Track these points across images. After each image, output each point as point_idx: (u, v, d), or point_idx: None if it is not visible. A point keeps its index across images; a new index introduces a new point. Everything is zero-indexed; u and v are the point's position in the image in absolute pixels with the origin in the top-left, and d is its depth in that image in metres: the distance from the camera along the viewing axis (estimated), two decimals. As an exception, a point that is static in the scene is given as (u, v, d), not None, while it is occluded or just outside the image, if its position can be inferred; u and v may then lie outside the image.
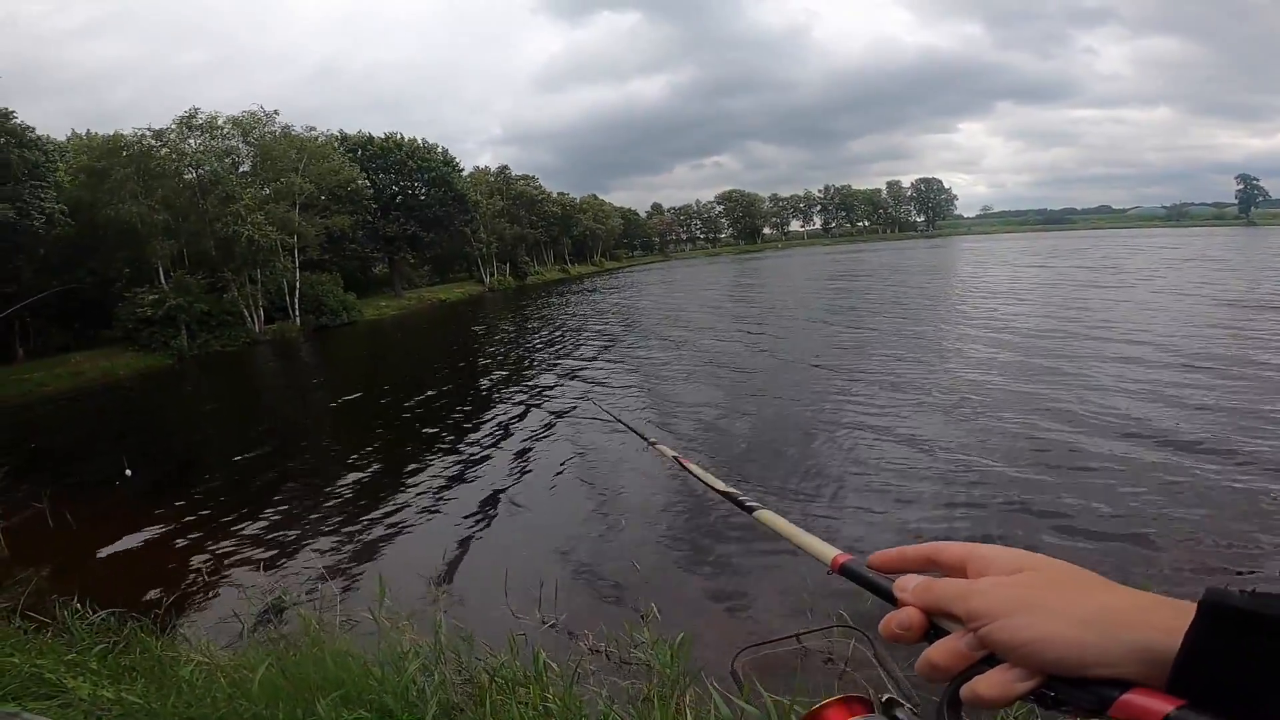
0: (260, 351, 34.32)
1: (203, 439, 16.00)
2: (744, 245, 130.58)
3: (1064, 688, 0.47)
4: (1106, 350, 14.45)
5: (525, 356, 22.43)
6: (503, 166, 75.44)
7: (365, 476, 11.04)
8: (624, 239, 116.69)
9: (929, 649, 0.51)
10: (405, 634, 3.85)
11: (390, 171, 52.64)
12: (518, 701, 3.08)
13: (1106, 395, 10.96)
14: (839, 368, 15.07)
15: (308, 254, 40.84)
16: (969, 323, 20.36)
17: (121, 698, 2.93)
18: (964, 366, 14.08)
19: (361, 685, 3.04)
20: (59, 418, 21.45)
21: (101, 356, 30.73)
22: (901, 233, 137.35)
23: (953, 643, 0.50)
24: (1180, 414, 9.75)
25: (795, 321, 24.90)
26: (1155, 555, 6.11)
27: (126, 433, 16.89)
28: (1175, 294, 23.72)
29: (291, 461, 12.66)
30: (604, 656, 4.45)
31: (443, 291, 58.50)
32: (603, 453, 10.80)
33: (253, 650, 3.98)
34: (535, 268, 78.62)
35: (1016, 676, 0.48)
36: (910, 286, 34.59)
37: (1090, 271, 35.73)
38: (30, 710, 2.41)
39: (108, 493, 11.04)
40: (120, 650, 3.86)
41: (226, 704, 2.97)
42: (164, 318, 32.29)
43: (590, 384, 16.35)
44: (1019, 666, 0.48)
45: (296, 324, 39.67)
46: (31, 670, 3.20)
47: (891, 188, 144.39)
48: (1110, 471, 7.92)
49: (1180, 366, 12.51)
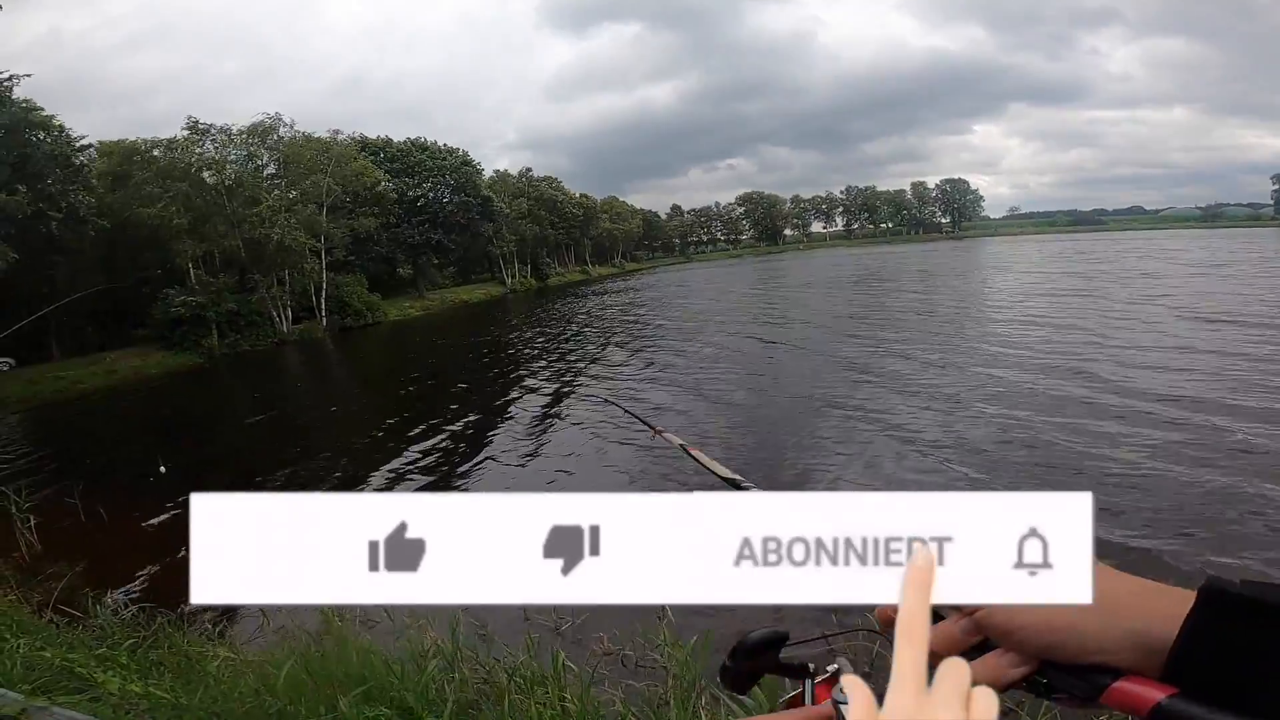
0: (287, 351, 34.90)
1: (235, 436, 16.29)
2: (765, 246, 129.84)
3: (1057, 674, 0.47)
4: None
5: (548, 359, 22.54)
6: (525, 169, 76.01)
7: (389, 472, 11.20)
8: (644, 240, 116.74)
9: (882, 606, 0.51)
10: (425, 633, 3.90)
11: (412, 174, 53.23)
12: (535, 701, 3.11)
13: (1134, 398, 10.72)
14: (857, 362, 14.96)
15: (334, 255, 41.48)
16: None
17: (150, 692, 3.00)
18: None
19: (383, 682, 3.09)
20: (93, 415, 21.99)
21: (134, 355, 31.49)
22: (926, 234, 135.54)
23: (948, 627, 0.50)
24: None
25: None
26: (1156, 544, 6.07)
27: (160, 430, 17.26)
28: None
29: (318, 458, 12.84)
30: (621, 658, 4.46)
31: (465, 292, 59.00)
32: (612, 443, 10.98)
33: (278, 646, 4.05)
34: (556, 269, 78.91)
35: (1010, 662, 0.48)
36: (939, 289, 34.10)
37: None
38: (60, 704, 2.48)
39: (141, 489, 11.27)
40: (149, 645, 3.94)
41: (252, 699, 3.03)
42: (194, 317, 33.01)
43: (621, 381, 16.43)
44: (1013, 652, 0.48)
45: (322, 324, 40.29)
46: (63, 664, 3.28)
47: (916, 189, 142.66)
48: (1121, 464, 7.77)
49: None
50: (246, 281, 37.09)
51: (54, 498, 10.29)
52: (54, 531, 8.89)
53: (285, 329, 37.95)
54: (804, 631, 1.06)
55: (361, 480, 10.99)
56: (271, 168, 39.98)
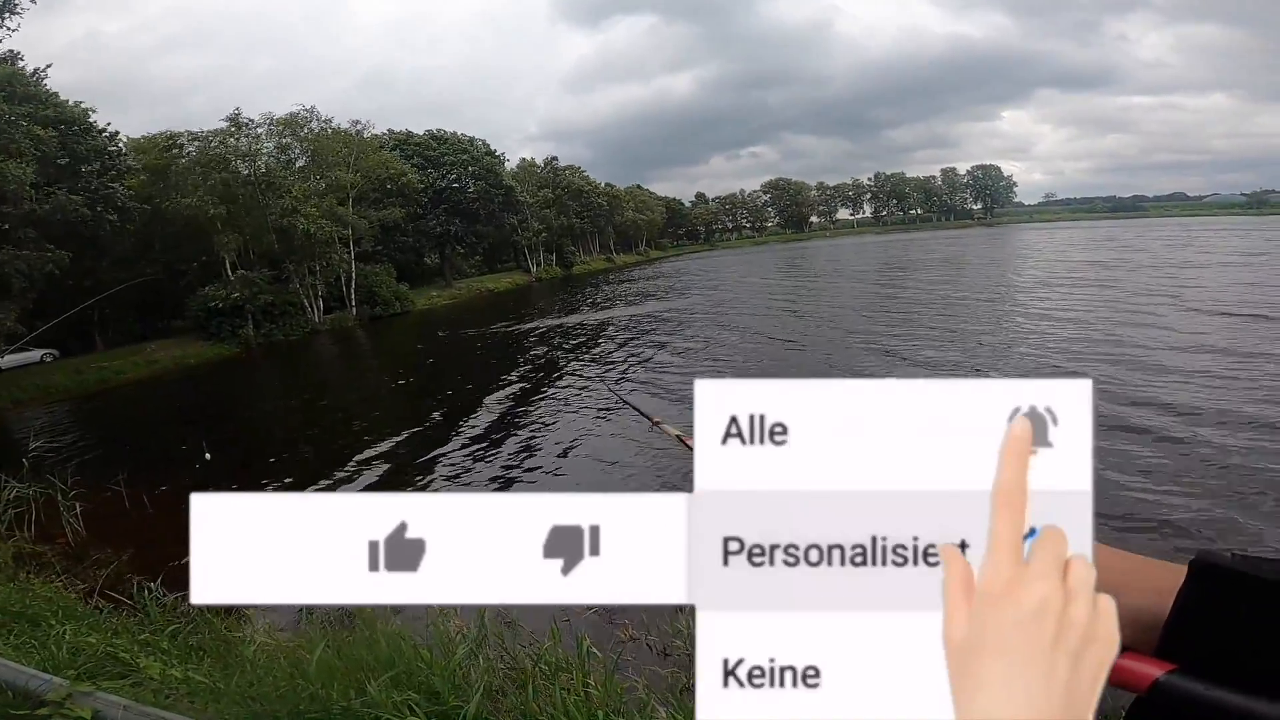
0: (320, 340, 35.60)
1: (275, 424, 16.67)
2: (790, 234, 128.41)
3: None
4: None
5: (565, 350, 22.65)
6: (551, 158, 75.95)
7: (421, 459, 11.41)
8: (668, 228, 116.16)
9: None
10: (451, 619, 3.96)
11: (436, 166, 53.51)
12: (560, 687, 3.14)
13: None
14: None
15: (362, 246, 42.05)
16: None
17: (189, 677, 3.10)
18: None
19: (411, 668, 3.14)
20: (136, 404, 22.68)
21: (174, 346, 32.37)
22: (957, 221, 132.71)
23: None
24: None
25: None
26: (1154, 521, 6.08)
27: (202, 418, 17.73)
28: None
29: (356, 444, 13.04)
30: (645, 645, 4.49)
31: (490, 281, 59.42)
32: (618, 436, 11.12)
33: (311, 631, 4.15)
34: (581, 257, 78.95)
35: None
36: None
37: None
38: (104, 689, 2.57)
39: (185, 475, 11.56)
40: (190, 631, 4.07)
41: (287, 683, 3.11)
42: (232, 308, 33.81)
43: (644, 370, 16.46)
44: None
45: (353, 314, 40.96)
46: (107, 650, 3.40)
47: (946, 175, 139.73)
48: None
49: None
50: (281, 273, 37.80)
51: (98, 485, 10.53)
52: (98, 518, 9.16)
53: (317, 319, 38.65)
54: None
55: (399, 460, 11.24)
56: (301, 161, 40.59)
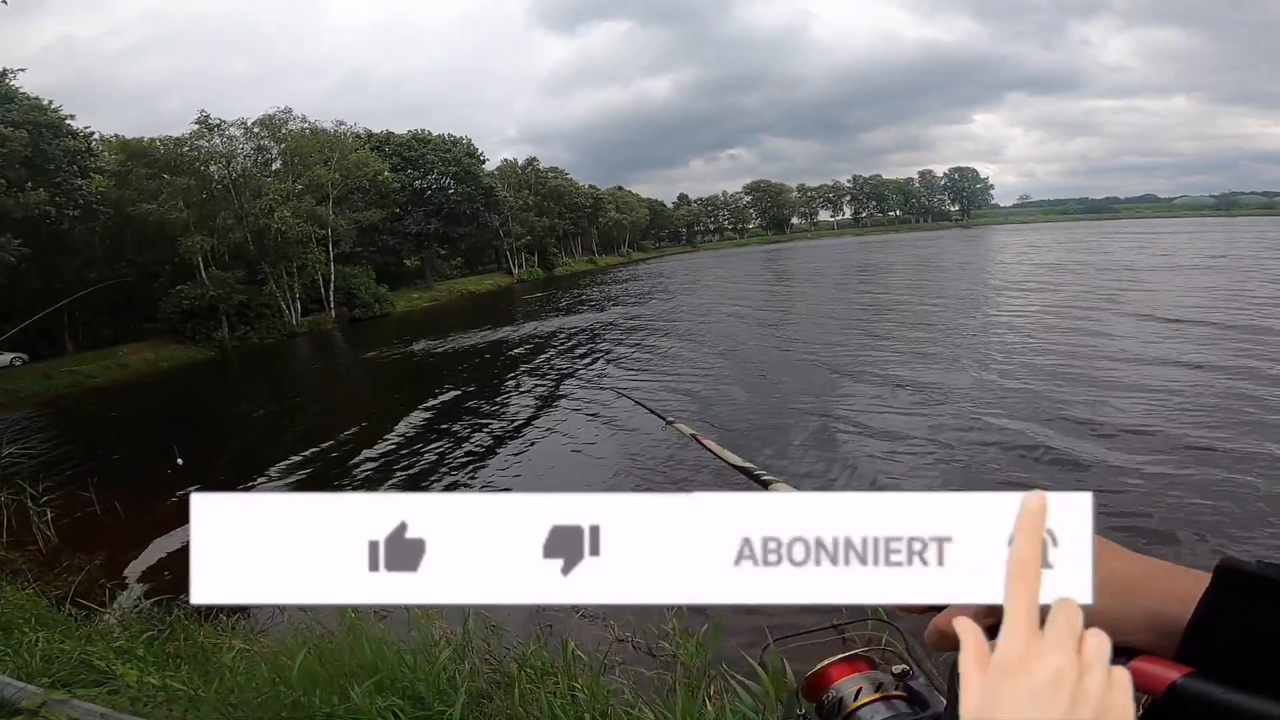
0: (297, 343, 35.13)
1: (249, 429, 16.42)
2: (772, 235, 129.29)
3: None
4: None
5: (558, 351, 22.59)
6: (531, 159, 75.63)
7: (406, 465, 11.28)
8: (651, 230, 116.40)
9: (937, 616, 0.51)
10: (436, 622, 3.93)
11: (416, 167, 53.08)
12: (546, 691, 3.13)
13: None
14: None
15: (341, 247, 41.60)
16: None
17: (167, 684, 3.04)
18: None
19: (395, 673, 3.11)
20: (107, 408, 22.19)
21: (147, 349, 31.77)
22: (935, 222, 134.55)
23: (962, 609, 0.49)
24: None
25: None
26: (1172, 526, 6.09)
27: (173, 423, 17.42)
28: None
29: (335, 450, 12.88)
30: (631, 646, 4.49)
31: (472, 283, 59.15)
32: (623, 432, 11.11)
33: (292, 637, 4.09)
34: (563, 259, 78.77)
35: None
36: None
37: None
38: (79, 697, 2.51)
39: (157, 481, 11.36)
40: (166, 637, 3.99)
41: (268, 689, 3.06)
42: (205, 310, 33.25)
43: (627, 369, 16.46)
44: None
45: (331, 316, 40.50)
46: (82, 657, 3.33)
47: (924, 177, 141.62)
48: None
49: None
50: (255, 274, 37.26)
51: (69, 491, 10.35)
52: (70, 524, 9.00)
53: (295, 321, 38.16)
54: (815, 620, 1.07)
55: (379, 465, 11.11)
56: (278, 162, 40.06)
